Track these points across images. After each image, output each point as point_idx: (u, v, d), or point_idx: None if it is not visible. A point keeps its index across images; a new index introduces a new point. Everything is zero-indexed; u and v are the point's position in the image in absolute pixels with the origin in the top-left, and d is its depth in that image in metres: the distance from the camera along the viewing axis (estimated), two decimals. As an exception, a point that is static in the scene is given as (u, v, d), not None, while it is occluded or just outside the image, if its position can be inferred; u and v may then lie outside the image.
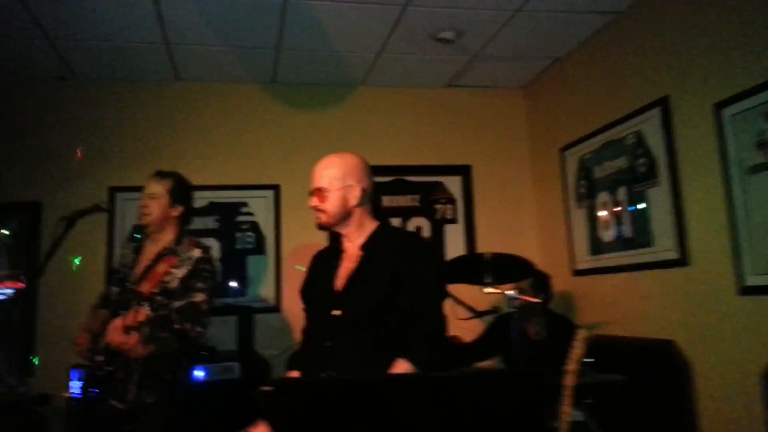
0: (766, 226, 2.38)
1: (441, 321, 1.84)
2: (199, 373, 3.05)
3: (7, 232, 3.54)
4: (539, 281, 3.09)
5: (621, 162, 3.24)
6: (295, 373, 1.90)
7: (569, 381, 2.48)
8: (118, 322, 2.10)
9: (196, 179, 3.69)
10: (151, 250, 2.37)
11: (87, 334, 2.29)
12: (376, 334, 1.77)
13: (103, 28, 3.11)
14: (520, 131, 4.27)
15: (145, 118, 3.78)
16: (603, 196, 3.40)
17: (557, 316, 3.21)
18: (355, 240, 1.93)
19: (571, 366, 2.49)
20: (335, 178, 1.90)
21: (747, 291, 2.45)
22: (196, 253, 2.31)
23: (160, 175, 2.43)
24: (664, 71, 2.93)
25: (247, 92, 3.93)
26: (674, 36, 2.86)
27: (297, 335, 2.12)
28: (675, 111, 2.86)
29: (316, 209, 1.91)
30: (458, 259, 3.41)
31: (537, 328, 3.11)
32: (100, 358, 2.18)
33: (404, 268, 1.81)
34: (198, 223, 3.48)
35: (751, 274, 2.43)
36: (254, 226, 3.86)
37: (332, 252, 1.98)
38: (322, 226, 1.92)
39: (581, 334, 2.45)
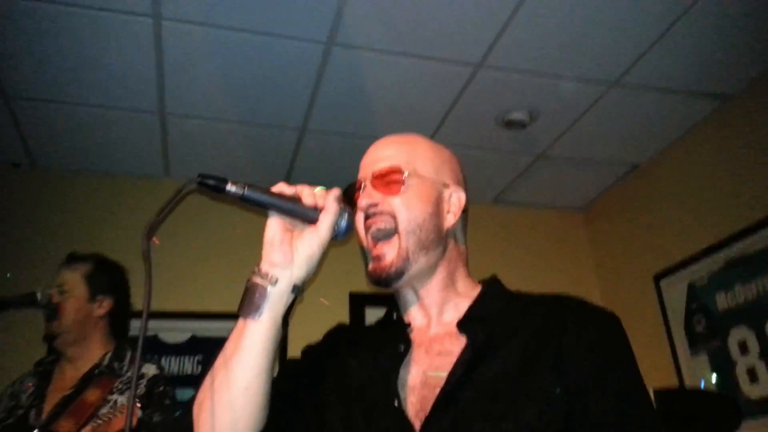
0: None
1: None
2: None
3: None
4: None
5: (765, 282, 2.37)
6: None
7: None
8: None
9: (186, 305, 2.74)
10: (68, 374, 1.55)
11: None
12: None
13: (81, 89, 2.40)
14: (585, 260, 3.46)
15: (126, 219, 2.86)
16: (739, 332, 2.46)
17: None
18: (435, 310, 0.94)
19: None
20: (422, 161, 0.97)
21: None
22: (148, 370, 1.52)
23: (72, 259, 1.64)
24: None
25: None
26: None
27: None
28: None
29: (373, 213, 0.93)
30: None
31: None
32: None
33: (577, 367, 0.82)
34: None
35: None
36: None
37: (384, 335, 0.95)
38: (382, 275, 0.91)
39: None
